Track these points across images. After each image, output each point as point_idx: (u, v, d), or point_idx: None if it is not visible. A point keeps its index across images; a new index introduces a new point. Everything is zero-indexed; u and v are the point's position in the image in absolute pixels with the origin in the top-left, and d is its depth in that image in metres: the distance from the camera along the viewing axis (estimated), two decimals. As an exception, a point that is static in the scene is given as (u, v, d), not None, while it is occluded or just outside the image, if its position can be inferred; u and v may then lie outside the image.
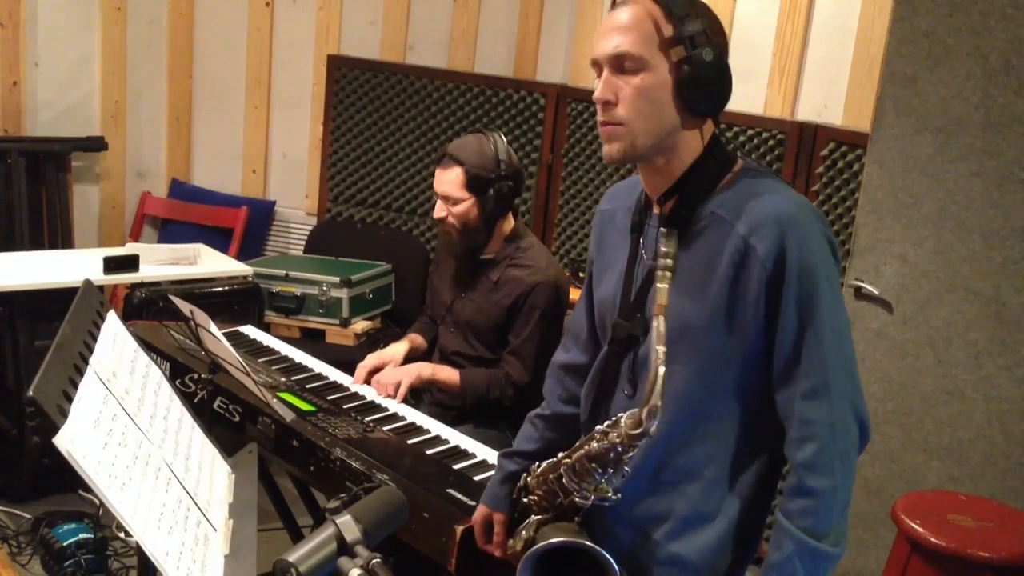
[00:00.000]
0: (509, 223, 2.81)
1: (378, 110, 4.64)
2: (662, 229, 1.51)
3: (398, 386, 2.65)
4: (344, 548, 1.26)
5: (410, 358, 2.91)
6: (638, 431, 1.46)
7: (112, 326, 1.68)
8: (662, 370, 1.41)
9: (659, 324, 1.43)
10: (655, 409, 1.43)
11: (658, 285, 1.47)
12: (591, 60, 1.58)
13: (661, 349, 1.42)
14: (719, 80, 1.53)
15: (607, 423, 1.53)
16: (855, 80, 3.65)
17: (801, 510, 1.50)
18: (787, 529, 1.50)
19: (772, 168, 3.62)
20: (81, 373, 1.45)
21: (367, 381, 2.75)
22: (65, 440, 1.28)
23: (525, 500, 1.78)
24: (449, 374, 2.77)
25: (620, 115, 1.53)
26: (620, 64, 1.52)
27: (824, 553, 1.49)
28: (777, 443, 1.56)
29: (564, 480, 1.62)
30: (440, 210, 2.74)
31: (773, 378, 1.53)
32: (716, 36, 1.53)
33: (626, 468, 1.53)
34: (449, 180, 2.71)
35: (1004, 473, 2.68)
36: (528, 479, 1.77)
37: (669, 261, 1.47)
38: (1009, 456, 2.67)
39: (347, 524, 1.28)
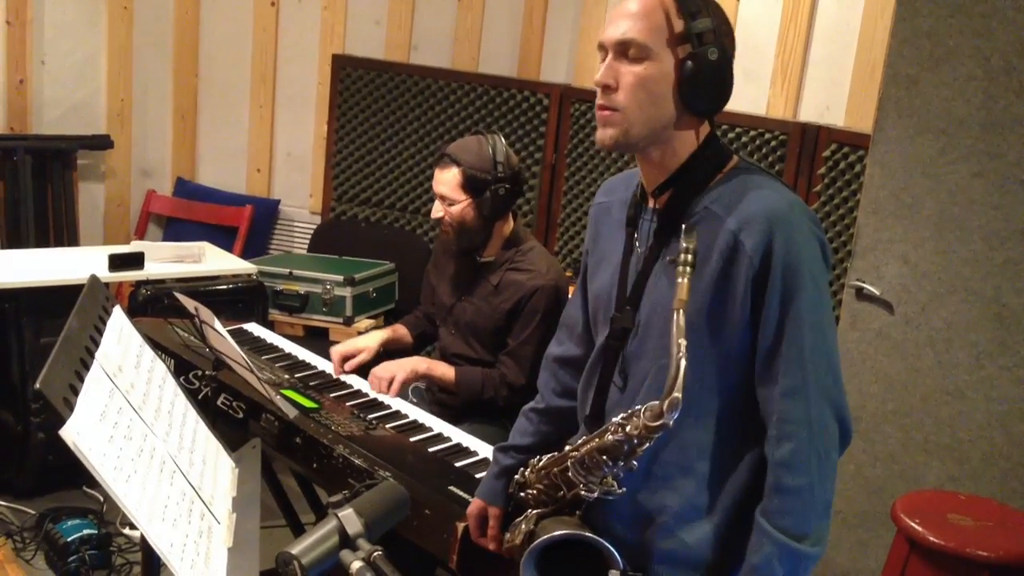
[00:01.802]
0: (508, 225, 2.82)
1: (382, 109, 4.66)
2: (683, 225, 1.51)
3: (392, 380, 2.67)
4: (346, 541, 1.27)
5: (392, 348, 2.94)
6: (658, 423, 1.45)
7: (118, 321, 1.70)
8: (683, 363, 1.40)
9: (679, 318, 1.42)
10: (676, 402, 1.42)
11: (678, 280, 1.45)
12: (598, 43, 1.58)
13: (683, 343, 1.41)
14: (721, 81, 1.54)
15: (622, 415, 1.52)
16: (857, 81, 3.66)
17: (779, 509, 1.50)
18: (766, 530, 1.50)
19: (774, 169, 3.63)
20: (87, 367, 1.46)
21: (344, 367, 2.79)
22: (71, 432, 1.29)
23: (522, 495, 1.78)
24: (444, 370, 2.79)
25: (618, 101, 1.53)
26: (625, 50, 1.53)
27: (804, 554, 1.49)
28: None
29: (570, 473, 1.62)
30: (437, 210, 2.76)
31: (755, 374, 1.54)
32: (724, 37, 1.54)
33: (635, 462, 1.53)
34: (446, 180, 2.72)
35: (1004, 473, 2.69)
36: (526, 473, 1.77)
37: (690, 256, 1.46)
38: (1009, 457, 2.68)
39: (349, 517, 1.29)
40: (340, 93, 4.72)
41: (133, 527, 3.21)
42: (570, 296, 2.80)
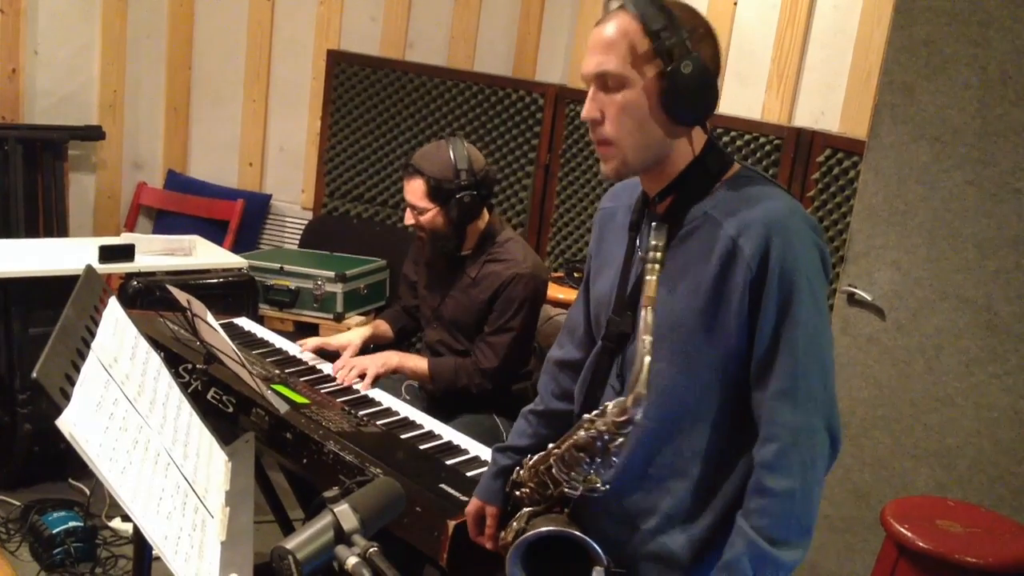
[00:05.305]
0: (483, 219, 2.84)
1: (376, 106, 4.65)
2: (653, 223, 1.53)
3: (363, 373, 2.68)
4: (342, 537, 1.27)
5: (374, 345, 2.94)
6: (623, 418, 1.47)
7: (113, 312, 1.69)
8: (647, 359, 1.42)
9: (647, 315, 1.45)
10: (640, 397, 1.43)
11: (646, 277, 1.48)
12: (581, 75, 1.60)
13: (648, 339, 1.43)
14: (702, 89, 1.53)
15: (595, 412, 1.54)
16: (853, 87, 3.67)
17: (757, 510, 1.50)
18: (741, 528, 1.51)
19: (768, 173, 3.64)
20: (83, 357, 1.45)
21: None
22: (68, 423, 1.29)
23: (517, 493, 1.80)
24: (417, 363, 2.80)
25: (607, 133, 1.55)
26: (603, 82, 1.54)
27: (776, 560, 1.48)
28: None
29: (554, 470, 1.64)
30: (409, 218, 2.80)
31: (750, 378, 1.55)
32: (700, 43, 1.53)
33: (614, 459, 1.54)
34: (413, 190, 2.75)
35: (992, 480, 2.70)
36: (520, 472, 1.79)
37: (658, 254, 1.48)
38: (997, 463, 2.69)
39: (345, 513, 1.28)
40: (334, 89, 4.70)
41: (121, 519, 3.20)
42: (548, 286, 2.87)
